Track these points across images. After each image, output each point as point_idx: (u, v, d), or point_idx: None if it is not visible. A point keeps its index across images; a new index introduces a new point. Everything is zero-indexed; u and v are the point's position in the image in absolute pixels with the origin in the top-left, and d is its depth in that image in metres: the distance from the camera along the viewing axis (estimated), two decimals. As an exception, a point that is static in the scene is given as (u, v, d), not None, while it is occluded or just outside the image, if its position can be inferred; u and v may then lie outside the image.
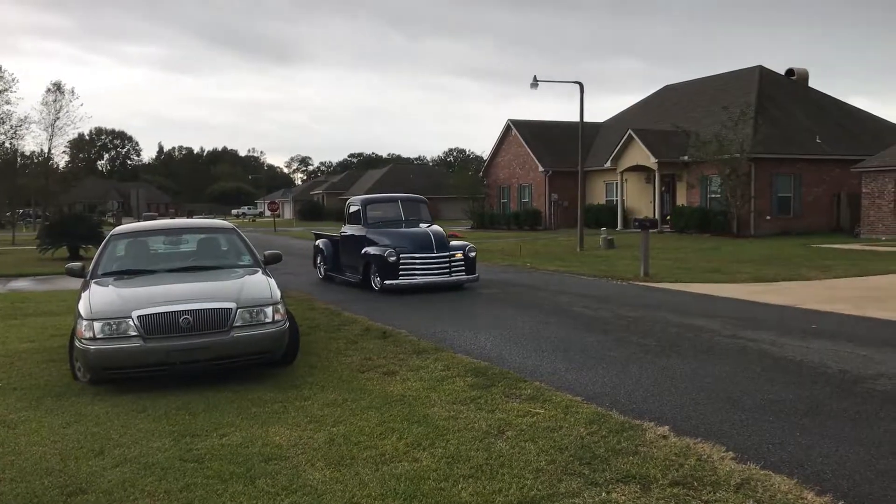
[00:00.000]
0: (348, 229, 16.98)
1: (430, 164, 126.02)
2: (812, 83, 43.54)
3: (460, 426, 5.97)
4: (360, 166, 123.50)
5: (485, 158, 59.50)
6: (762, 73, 40.90)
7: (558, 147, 46.78)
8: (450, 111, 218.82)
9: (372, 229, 15.99)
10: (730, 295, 13.95)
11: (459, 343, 9.56)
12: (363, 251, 15.62)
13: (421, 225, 16.20)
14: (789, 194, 36.12)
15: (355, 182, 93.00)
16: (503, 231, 45.12)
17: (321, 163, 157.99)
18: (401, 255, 14.97)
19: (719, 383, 7.25)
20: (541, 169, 46.26)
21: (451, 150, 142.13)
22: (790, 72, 42.93)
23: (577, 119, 31.39)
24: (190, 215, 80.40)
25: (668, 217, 37.23)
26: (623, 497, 4.52)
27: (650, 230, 18.56)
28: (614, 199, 42.68)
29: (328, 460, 5.29)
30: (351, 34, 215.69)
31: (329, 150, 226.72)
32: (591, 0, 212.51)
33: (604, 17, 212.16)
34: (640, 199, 41.10)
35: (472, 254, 15.77)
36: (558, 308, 12.50)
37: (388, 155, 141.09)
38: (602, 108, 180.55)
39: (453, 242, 15.99)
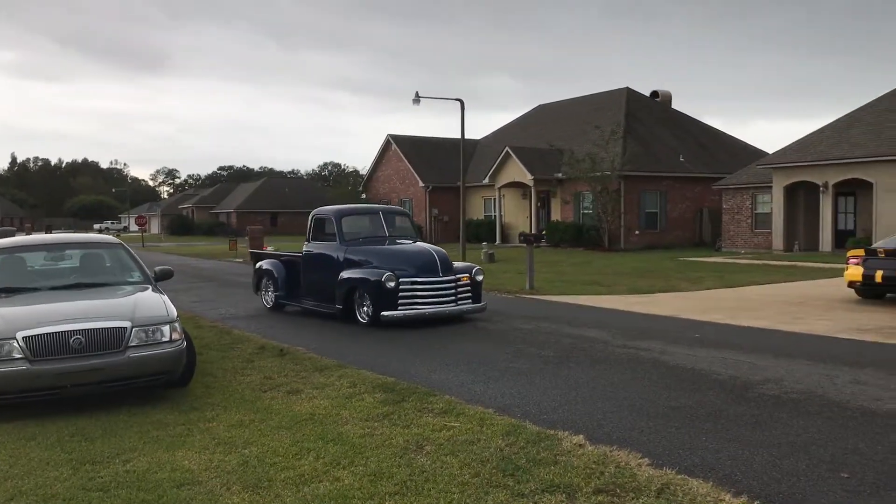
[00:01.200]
0: (315, 247, 13.78)
1: (305, 177, 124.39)
2: (675, 104, 46.04)
3: (377, 443, 5.87)
4: (231, 179, 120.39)
5: (362, 173, 59.35)
6: (630, 94, 42.91)
7: (438, 162, 47.29)
8: (326, 125, 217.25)
9: (353, 247, 12.98)
10: (613, 306, 14.47)
11: (362, 359, 9.43)
12: (343, 275, 12.59)
13: (412, 242, 13.41)
14: (656, 210, 37.95)
15: (227, 195, 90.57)
16: (383, 246, 44.96)
17: (189, 175, 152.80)
18: (401, 280, 12.03)
19: (620, 392, 7.48)
20: (421, 184, 46.57)
21: (326, 163, 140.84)
22: (654, 94, 45.24)
23: (456, 135, 31.92)
24: (48, 230, 75.78)
25: (544, 232, 38.31)
26: (551, 507, 4.57)
27: (534, 244, 19.00)
28: (493, 214, 43.53)
29: (244, 483, 5.08)
30: (224, 43, 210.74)
31: (198, 163, 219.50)
32: (468, 16, 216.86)
33: (479, 33, 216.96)
34: (517, 215, 42.09)
35: (480, 277, 13.06)
36: (454, 321, 12.57)
37: (261, 168, 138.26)
38: (479, 125, 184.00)
39: (457, 264, 13.17)
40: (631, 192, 36.58)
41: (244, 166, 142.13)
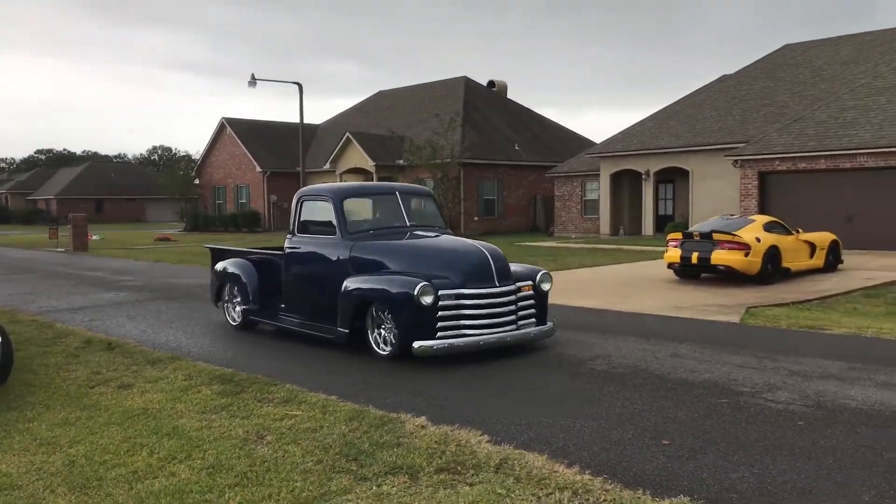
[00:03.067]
0: (303, 243, 9.59)
1: (133, 162, 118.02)
2: (510, 95, 47.45)
3: (215, 435, 5.70)
4: (51, 164, 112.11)
5: (195, 158, 57.06)
6: (468, 83, 43.79)
7: (276, 147, 46.29)
8: (155, 107, 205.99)
9: (362, 243, 8.98)
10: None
11: (197, 351, 9.11)
12: (349, 284, 8.56)
13: (441, 235, 9.27)
14: (494, 197, 39.05)
15: (46, 181, 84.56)
16: (221, 234, 43.57)
17: (2, 160, 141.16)
18: (441, 294, 8.06)
19: (458, 373, 7.66)
20: (258, 169, 45.42)
21: (156, 147, 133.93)
22: (491, 83, 46.41)
23: (294, 119, 31.34)
24: None
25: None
26: (394, 488, 4.62)
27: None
28: (333, 200, 43.06)
29: (71, 484, 4.79)
30: (36, 16, 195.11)
31: (10, 146, 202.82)
32: (307, 0, 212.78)
33: (320, 17, 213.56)
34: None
35: (547, 286, 8.99)
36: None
37: (84, 152, 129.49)
38: (319, 109, 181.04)
39: (514, 267, 8.92)
40: (470, 180, 37.44)
41: (65, 150, 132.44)
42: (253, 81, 33.99)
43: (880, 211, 22.54)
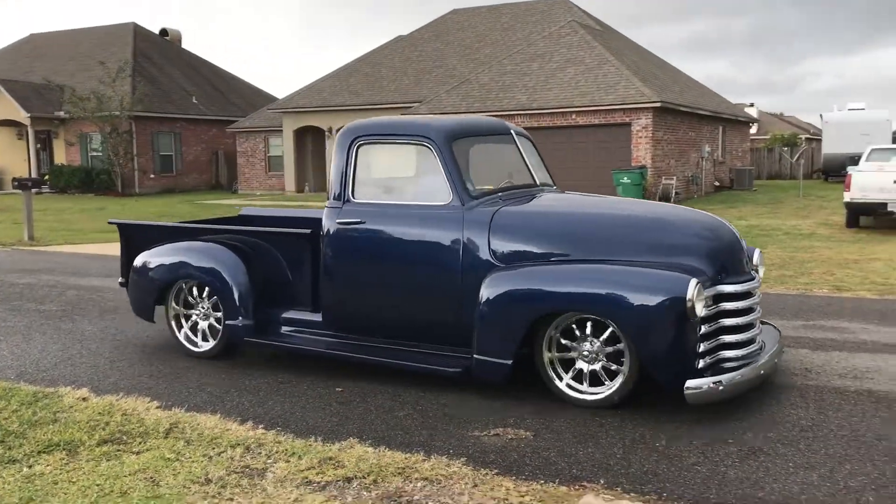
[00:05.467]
0: (372, 215, 5.72)
1: None
2: (185, 45, 45.00)
3: None
4: None
5: None
6: (137, 30, 40.67)
7: None
8: None
9: (507, 211, 5.48)
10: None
11: None
12: (508, 286, 5.11)
13: (565, 194, 6.37)
14: (171, 153, 36.99)
15: None
16: None
17: None
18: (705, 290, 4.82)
19: (132, 341, 7.23)
20: None
21: None
22: (164, 31, 43.58)
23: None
24: None
25: (46, 177, 34.72)
26: (49, 468, 4.25)
27: (33, 190, 17.09)
28: (-20, 157, 37.89)
29: None
30: None
31: None
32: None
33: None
34: (13, 157, 37.34)
35: (763, 270, 5.94)
36: None
37: None
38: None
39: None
40: (143, 134, 35.03)
41: None
42: None
43: (535, 166, 25.08)
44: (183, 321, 6.63)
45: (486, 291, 5.10)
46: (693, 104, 26.61)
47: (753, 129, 43.50)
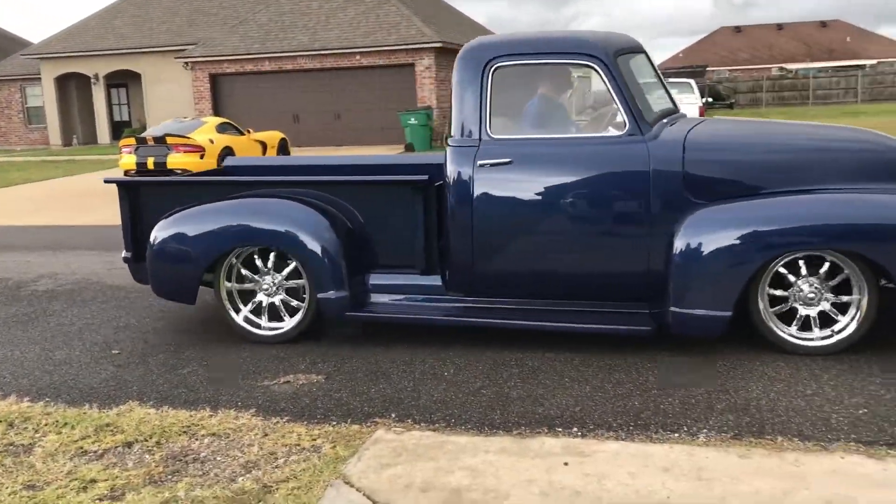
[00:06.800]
0: (521, 155, 4.76)
1: None
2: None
3: None
4: None
5: None
6: None
7: None
8: None
9: (703, 140, 4.73)
10: None
11: None
12: (722, 231, 4.37)
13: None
14: None
15: None
16: None
17: None
18: None
19: None
20: None
21: None
22: None
23: None
24: None
25: None
26: None
27: None
28: None
29: None
30: None
31: None
32: None
33: None
34: None
35: None
36: None
37: None
38: None
39: None
40: None
41: None
42: None
43: (321, 110, 24.69)
44: (238, 299, 5.26)
45: (696, 234, 4.39)
46: (473, 44, 27.19)
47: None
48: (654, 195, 4.52)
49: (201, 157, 14.75)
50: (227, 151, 15.47)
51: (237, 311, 5.24)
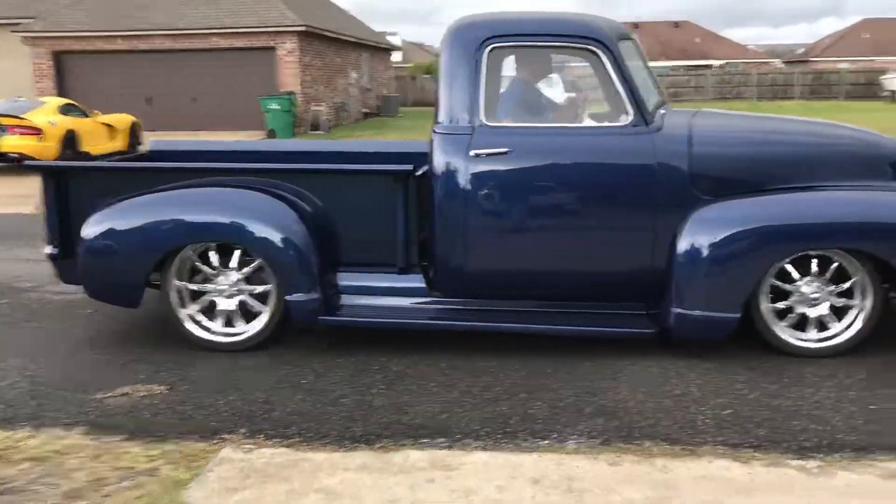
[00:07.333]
0: (519, 144, 4.34)
1: None
2: None
3: None
4: None
5: None
6: None
7: None
8: None
9: (709, 133, 4.48)
10: None
11: None
12: (733, 230, 4.18)
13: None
14: None
15: None
16: None
17: None
18: None
19: None
20: None
21: None
22: None
23: None
24: None
25: None
26: None
27: None
28: None
29: None
30: None
31: None
32: None
33: None
34: None
35: None
36: None
37: None
38: None
39: None
40: None
41: None
42: None
43: (177, 93, 23.45)
44: (188, 301, 4.59)
45: (704, 232, 4.17)
46: (338, 30, 26.64)
47: (398, 58, 45.15)
48: (659, 190, 4.27)
49: (39, 139, 13.59)
50: (70, 135, 14.33)
51: (188, 315, 4.60)
